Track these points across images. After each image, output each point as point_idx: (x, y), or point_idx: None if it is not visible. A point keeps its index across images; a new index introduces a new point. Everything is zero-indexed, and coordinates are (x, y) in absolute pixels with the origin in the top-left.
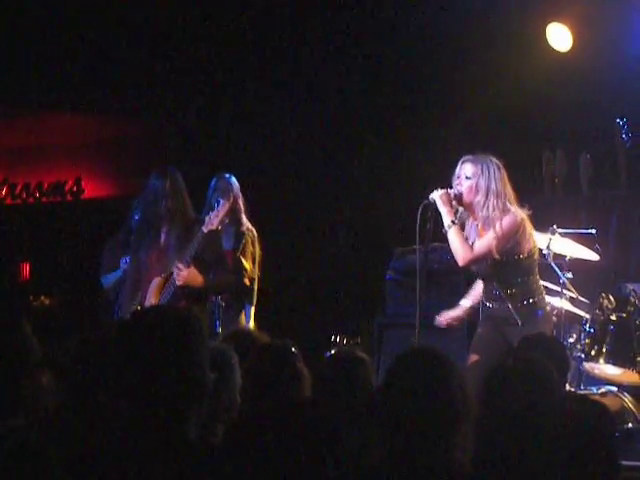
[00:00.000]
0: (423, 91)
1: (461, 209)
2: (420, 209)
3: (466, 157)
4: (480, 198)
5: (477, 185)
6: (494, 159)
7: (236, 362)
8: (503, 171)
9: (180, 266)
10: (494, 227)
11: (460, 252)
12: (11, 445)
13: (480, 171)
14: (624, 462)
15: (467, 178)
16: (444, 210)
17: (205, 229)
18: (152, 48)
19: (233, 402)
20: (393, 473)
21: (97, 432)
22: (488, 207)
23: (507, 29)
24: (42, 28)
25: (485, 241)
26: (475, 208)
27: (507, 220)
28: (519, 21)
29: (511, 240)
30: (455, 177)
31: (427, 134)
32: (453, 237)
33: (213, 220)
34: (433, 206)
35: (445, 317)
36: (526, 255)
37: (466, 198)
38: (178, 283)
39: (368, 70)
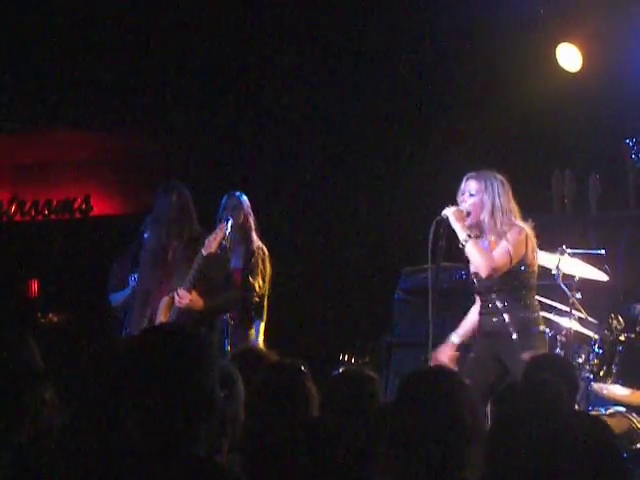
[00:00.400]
0: (433, 110)
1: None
2: (433, 226)
3: (470, 174)
4: (485, 214)
5: (482, 201)
6: (498, 175)
7: (239, 378)
8: (507, 186)
9: (180, 292)
10: (506, 238)
11: (482, 262)
12: (12, 461)
13: (484, 187)
14: None
15: (471, 195)
16: (458, 226)
17: (204, 252)
18: (161, 65)
19: (238, 417)
20: None
21: (104, 450)
22: (495, 223)
23: (517, 49)
24: (52, 45)
25: (502, 249)
26: (482, 225)
27: (515, 231)
28: (529, 41)
29: (520, 252)
30: (459, 194)
31: (436, 153)
32: (472, 249)
33: (212, 244)
34: (446, 222)
35: (439, 358)
36: (527, 268)
37: (472, 215)
38: (179, 306)
39: (377, 88)
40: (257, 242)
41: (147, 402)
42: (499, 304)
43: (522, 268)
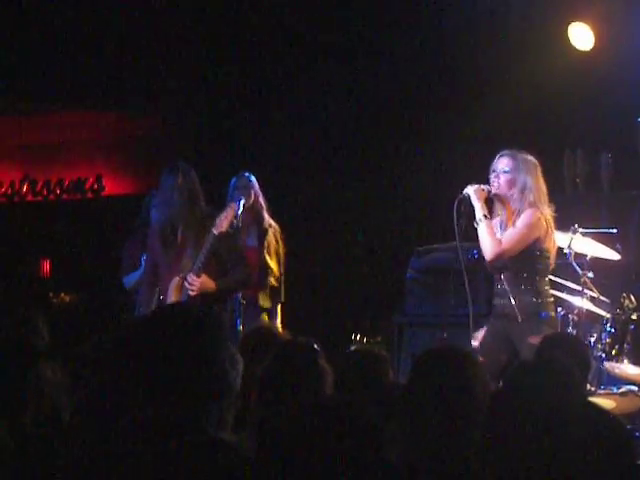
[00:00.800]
0: (447, 91)
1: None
2: (455, 203)
3: (504, 151)
4: (515, 191)
5: (515, 179)
6: (530, 156)
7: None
8: (539, 168)
9: (190, 278)
10: (520, 221)
11: (489, 246)
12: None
13: (519, 165)
14: None
15: (505, 172)
16: (478, 205)
17: (215, 231)
18: (173, 46)
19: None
20: (415, 470)
21: (115, 430)
22: (521, 201)
23: (529, 28)
24: (63, 26)
25: (511, 234)
26: (509, 200)
27: (531, 215)
28: (541, 20)
29: (533, 233)
30: (491, 171)
31: (449, 135)
32: (483, 231)
33: (223, 222)
34: (467, 201)
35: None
36: (541, 254)
37: (501, 190)
38: (191, 294)
39: (389, 69)
40: (269, 221)
41: (159, 381)
42: (507, 287)
43: (536, 253)
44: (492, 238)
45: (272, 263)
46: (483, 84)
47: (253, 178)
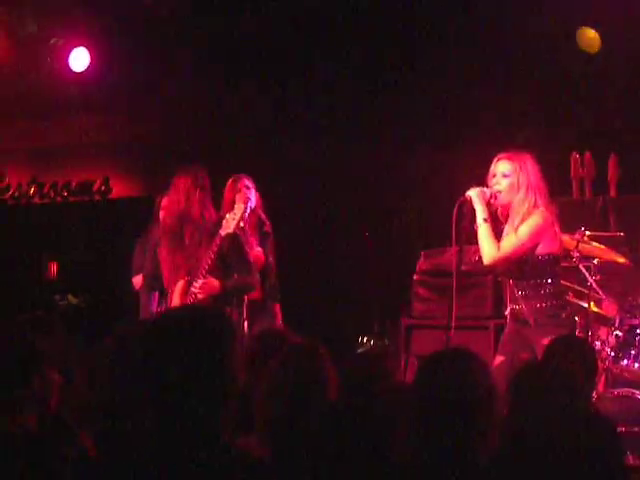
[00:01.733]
0: (451, 92)
1: (497, 208)
2: (457, 206)
3: (501, 155)
4: (520, 195)
5: (518, 183)
6: (528, 154)
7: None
8: (538, 166)
9: (196, 284)
10: (523, 227)
11: (487, 250)
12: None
13: (519, 168)
14: None
15: (505, 176)
16: (479, 207)
17: (223, 232)
18: (176, 47)
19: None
20: (421, 470)
21: (123, 434)
22: (527, 204)
23: (537, 29)
24: None
25: (512, 239)
26: (513, 205)
27: (534, 219)
28: (549, 22)
29: (536, 239)
30: (490, 176)
31: (455, 136)
32: (483, 234)
33: (229, 223)
34: (469, 204)
35: None
36: (547, 256)
37: (505, 197)
38: (199, 296)
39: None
40: (268, 223)
41: (170, 383)
42: (518, 292)
43: (545, 257)
44: (491, 243)
45: (273, 264)
46: (489, 86)
47: (251, 180)
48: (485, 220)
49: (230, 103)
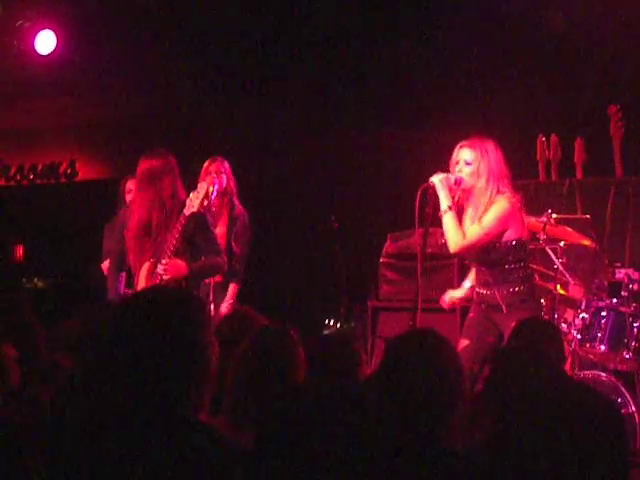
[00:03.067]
0: (422, 78)
1: (459, 194)
2: (420, 192)
3: (463, 142)
4: (482, 183)
5: (479, 170)
6: (490, 140)
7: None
8: (500, 150)
9: (163, 262)
10: (488, 214)
11: (453, 238)
12: None
13: (480, 155)
14: None
15: (467, 164)
16: (442, 194)
17: (187, 212)
18: (144, 29)
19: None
20: (392, 453)
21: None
22: (490, 191)
23: (503, 9)
24: None
25: (477, 228)
26: (475, 192)
27: (500, 205)
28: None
29: (502, 226)
30: (453, 163)
31: (425, 120)
32: (448, 222)
33: (194, 202)
34: (433, 189)
35: (450, 298)
36: (515, 242)
37: (467, 183)
38: (164, 278)
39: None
40: (239, 207)
41: (140, 364)
42: (489, 278)
43: (512, 243)
44: (456, 230)
45: (238, 249)
46: (459, 70)
47: (226, 162)
48: (450, 208)
49: (198, 85)
